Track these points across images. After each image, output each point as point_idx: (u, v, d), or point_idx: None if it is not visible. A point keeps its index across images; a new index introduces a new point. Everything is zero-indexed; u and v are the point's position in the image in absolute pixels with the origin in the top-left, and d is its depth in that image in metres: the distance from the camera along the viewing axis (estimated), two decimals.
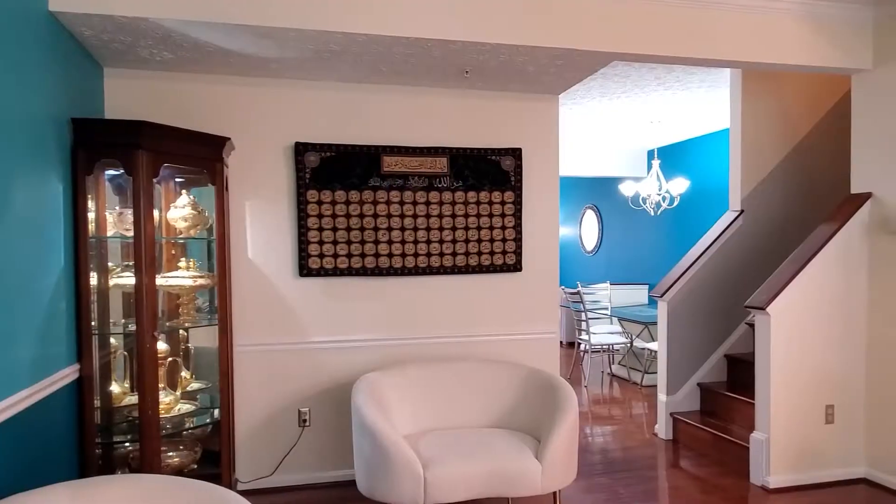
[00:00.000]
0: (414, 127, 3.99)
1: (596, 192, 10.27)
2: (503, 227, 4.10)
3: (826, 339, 3.96)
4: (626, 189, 7.25)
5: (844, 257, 3.97)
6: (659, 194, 6.95)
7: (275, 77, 3.74)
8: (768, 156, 4.99)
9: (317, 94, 3.85)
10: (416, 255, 3.96)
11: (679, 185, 6.83)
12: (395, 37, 3.04)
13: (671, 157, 8.16)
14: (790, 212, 5.02)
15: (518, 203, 4.12)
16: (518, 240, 4.13)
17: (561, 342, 9.45)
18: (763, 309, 3.87)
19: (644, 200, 7.17)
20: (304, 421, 3.90)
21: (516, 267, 4.15)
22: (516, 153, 4.09)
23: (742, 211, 4.97)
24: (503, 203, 4.09)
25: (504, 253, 4.11)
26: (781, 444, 3.90)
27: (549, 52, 3.32)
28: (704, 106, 6.25)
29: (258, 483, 3.83)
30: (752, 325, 4.48)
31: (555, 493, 3.33)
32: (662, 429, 5.01)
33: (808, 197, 5.04)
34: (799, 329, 3.91)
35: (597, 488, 3.98)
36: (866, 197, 3.97)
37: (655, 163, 6.99)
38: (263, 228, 3.82)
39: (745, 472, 4.08)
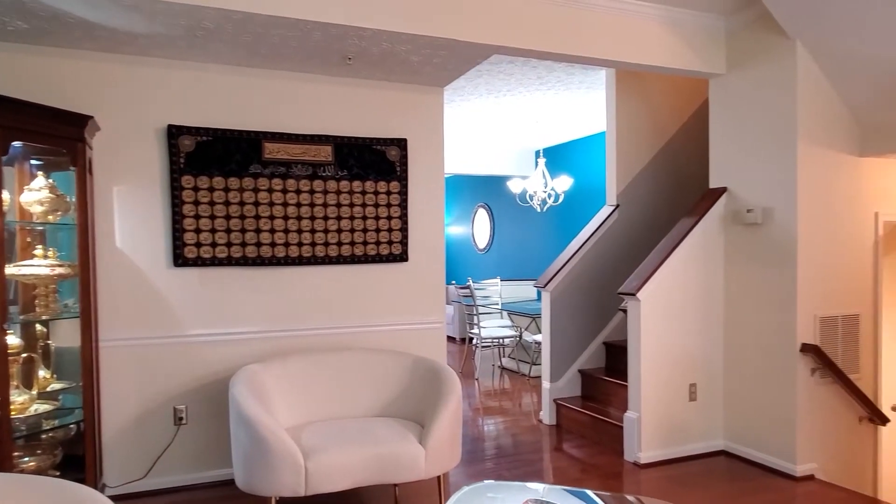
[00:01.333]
0: (297, 114, 3.92)
1: (487, 190, 10.54)
2: (389, 217, 4.11)
3: (689, 321, 4.28)
4: (514, 186, 7.49)
5: (703, 246, 4.31)
6: (545, 192, 7.24)
7: (145, 55, 3.55)
8: (640, 154, 5.34)
9: (192, 75, 3.69)
10: (300, 244, 3.89)
11: (563, 183, 7.15)
12: (271, 16, 2.98)
13: (556, 157, 8.53)
14: (660, 205, 5.40)
15: (404, 193, 4.14)
16: (404, 230, 4.16)
17: (454, 338, 9.63)
18: (634, 295, 4.12)
19: (531, 197, 7.44)
20: (181, 419, 3.72)
21: (402, 257, 4.17)
22: (402, 144, 4.12)
23: (618, 205, 5.27)
24: (389, 193, 4.10)
25: (390, 243, 4.12)
26: (651, 421, 4.17)
27: (431, 42, 3.38)
28: (584, 107, 6.58)
29: (129, 487, 3.61)
30: (626, 312, 4.75)
31: (439, 478, 3.37)
32: (546, 415, 5.20)
33: (675, 191, 5.44)
34: (665, 313, 4.20)
35: (482, 473, 4.08)
36: (722, 191, 4.33)
37: (541, 161, 7.28)
38: (133, 215, 3.60)
39: (620, 450, 4.32)
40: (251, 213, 3.76)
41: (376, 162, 4.05)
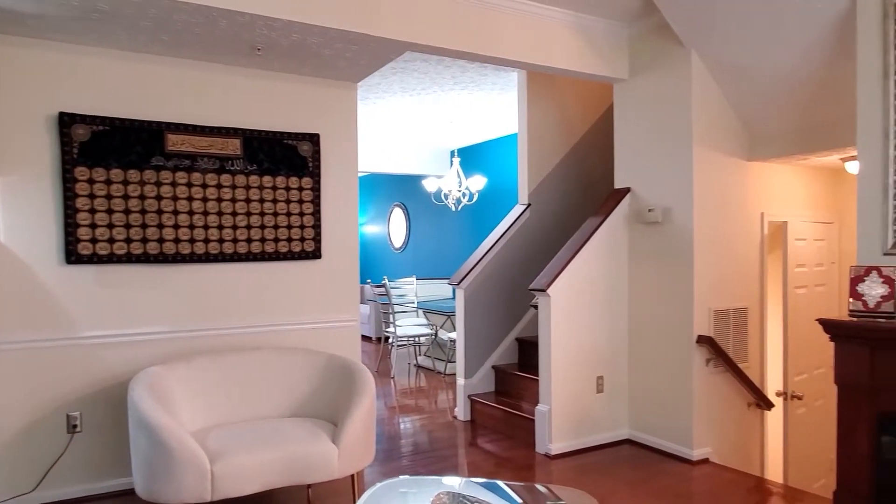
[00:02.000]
0: (203, 105, 3.77)
1: (403, 190, 10.55)
2: (301, 214, 4.03)
3: (596, 316, 4.44)
4: (429, 185, 7.54)
5: (609, 244, 4.49)
6: (459, 191, 7.33)
7: (36, 37, 3.30)
8: (550, 155, 5.50)
9: (88, 60, 3.47)
10: (206, 240, 3.74)
11: (477, 183, 7.26)
12: (173, 0, 2.85)
13: (471, 157, 8.66)
14: (569, 204, 5.59)
15: (317, 189, 4.07)
16: (317, 227, 4.09)
17: (370, 337, 9.57)
18: (544, 291, 4.24)
19: (446, 196, 7.51)
20: (74, 426, 3.48)
21: (315, 254, 4.10)
22: (314, 139, 4.05)
23: (529, 204, 5.41)
24: (301, 189, 4.02)
25: (302, 240, 4.04)
26: (561, 414, 4.30)
27: (343, 36, 3.34)
28: (498, 108, 6.72)
29: (17, 501, 3.35)
30: (537, 308, 4.88)
31: (353, 477, 3.34)
32: (461, 411, 5.26)
33: (583, 191, 5.65)
34: (574, 308, 4.34)
35: (398, 471, 4.07)
36: (626, 192, 4.54)
37: (456, 160, 7.36)
38: (20, 209, 3.34)
39: (532, 442, 4.43)
40: (153, 208, 3.58)
41: (288, 157, 3.96)
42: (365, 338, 9.60)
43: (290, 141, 3.97)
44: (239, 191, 3.82)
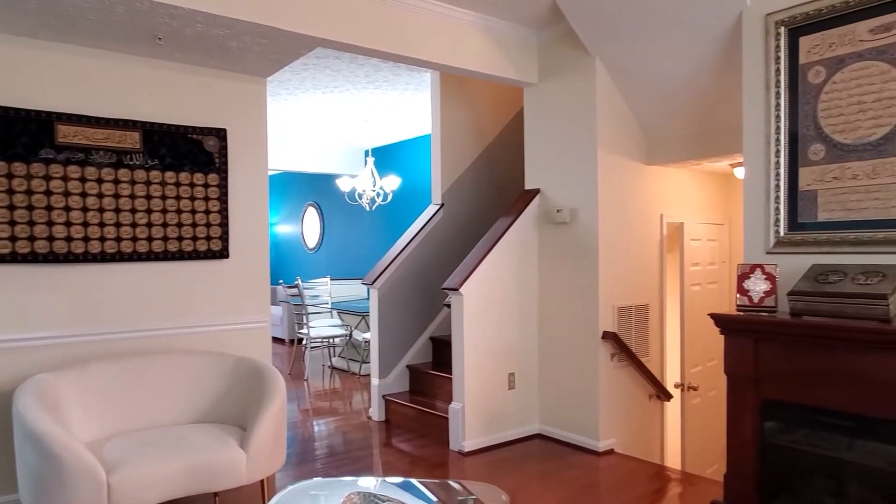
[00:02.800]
0: (98, 95, 3.54)
1: (317, 189, 10.37)
2: (207, 212, 3.87)
3: (507, 314, 4.54)
4: (343, 184, 7.46)
5: (520, 244, 4.60)
6: (374, 190, 7.29)
7: None
8: (464, 155, 5.58)
9: None
10: (102, 239, 3.52)
11: (391, 182, 7.25)
12: None
13: (385, 157, 8.63)
14: (482, 204, 5.69)
15: (224, 187, 3.93)
16: (224, 225, 3.94)
17: (283, 340, 9.34)
18: (457, 290, 4.29)
19: (360, 196, 7.45)
20: None
21: (223, 254, 3.95)
22: (221, 134, 3.90)
23: (442, 204, 5.46)
24: (207, 186, 3.86)
25: (209, 238, 3.88)
26: (474, 411, 4.37)
27: (251, 28, 3.24)
28: (412, 108, 6.73)
29: None
30: (450, 307, 4.92)
31: (262, 482, 3.26)
32: (376, 411, 5.24)
33: (495, 191, 5.77)
34: (486, 307, 4.42)
35: (310, 473, 4.01)
36: (535, 192, 4.66)
37: (370, 160, 7.32)
38: None
39: (446, 440, 4.47)
40: (42, 204, 3.34)
41: (192, 152, 3.80)
42: (278, 340, 9.36)
43: (194, 135, 3.81)
44: (139, 186, 3.62)
